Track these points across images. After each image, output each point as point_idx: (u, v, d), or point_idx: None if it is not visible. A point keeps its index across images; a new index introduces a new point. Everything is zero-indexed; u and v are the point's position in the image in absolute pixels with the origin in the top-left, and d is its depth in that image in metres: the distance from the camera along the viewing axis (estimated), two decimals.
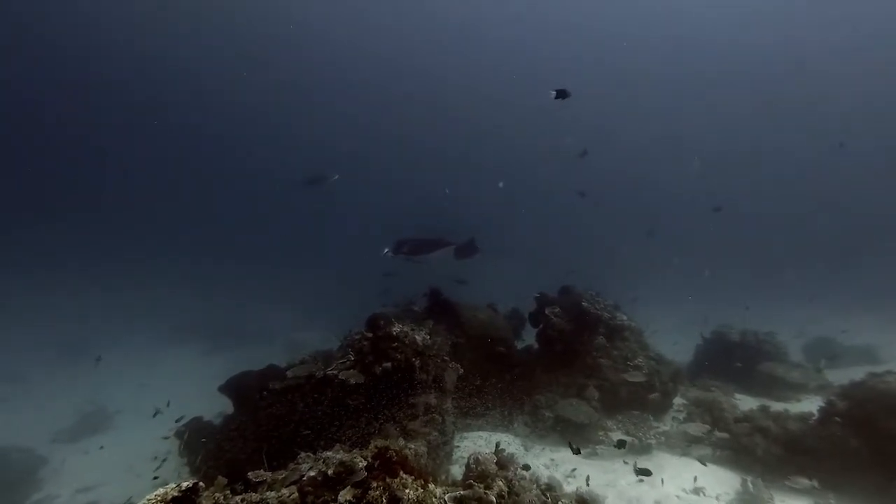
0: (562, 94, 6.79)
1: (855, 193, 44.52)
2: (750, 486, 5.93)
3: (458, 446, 6.87)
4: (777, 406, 8.04)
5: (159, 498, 2.59)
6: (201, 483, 2.88)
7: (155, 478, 6.49)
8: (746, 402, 9.03)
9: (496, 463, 3.80)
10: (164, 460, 6.98)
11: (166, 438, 6.61)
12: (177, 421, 6.84)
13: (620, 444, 6.08)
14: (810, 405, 8.40)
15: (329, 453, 3.83)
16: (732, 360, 11.06)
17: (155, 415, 8.07)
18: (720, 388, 9.63)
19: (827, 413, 6.71)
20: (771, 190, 48.75)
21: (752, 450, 6.80)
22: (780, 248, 39.56)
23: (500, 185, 38.74)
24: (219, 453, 5.98)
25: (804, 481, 6.00)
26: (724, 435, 7.29)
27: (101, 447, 10.10)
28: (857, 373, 7.84)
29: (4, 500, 8.22)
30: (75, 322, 23.12)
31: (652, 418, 8.33)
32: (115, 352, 19.71)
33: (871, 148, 44.09)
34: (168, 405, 7.98)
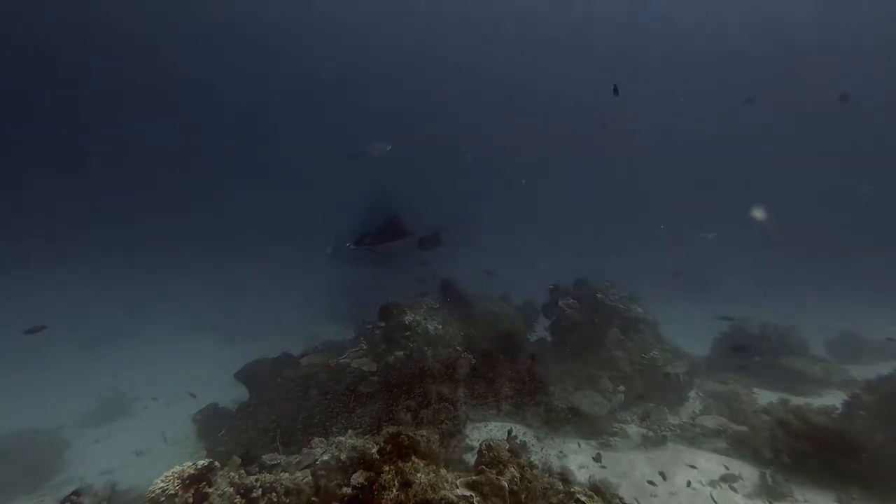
0: (615, 91, 7.34)
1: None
2: (769, 478, 5.81)
3: (469, 436, 6.86)
4: (798, 400, 7.84)
5: (176, 475, 2.63)
6: (216, 462, 2.91)
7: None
8: (765, 397, 8.84)
9: (508, 450, 3.77)
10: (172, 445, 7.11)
11: (172, 423, 6.78)
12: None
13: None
14: (833, 399, 8.17)
15: (342, 438, 3.85)
16: (752, 353, 10.82)
17: (165, 405, 8.33)
18: (738, 382, 9.44)
19: (851, 407, 6.52)
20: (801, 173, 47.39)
21: (771, 443, 6.65)
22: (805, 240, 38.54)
23: (524, 182, 38.59)
24: (234, 437, 6.09)
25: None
26: (743, 428, 7.15)
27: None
28: (883, 368, 7.60)
29: (32, 479, 8.52)
30: (98, 312, 23.81)
31: (667, 410, 8.21)
32: (137, 341, 20.27)
33: None
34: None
